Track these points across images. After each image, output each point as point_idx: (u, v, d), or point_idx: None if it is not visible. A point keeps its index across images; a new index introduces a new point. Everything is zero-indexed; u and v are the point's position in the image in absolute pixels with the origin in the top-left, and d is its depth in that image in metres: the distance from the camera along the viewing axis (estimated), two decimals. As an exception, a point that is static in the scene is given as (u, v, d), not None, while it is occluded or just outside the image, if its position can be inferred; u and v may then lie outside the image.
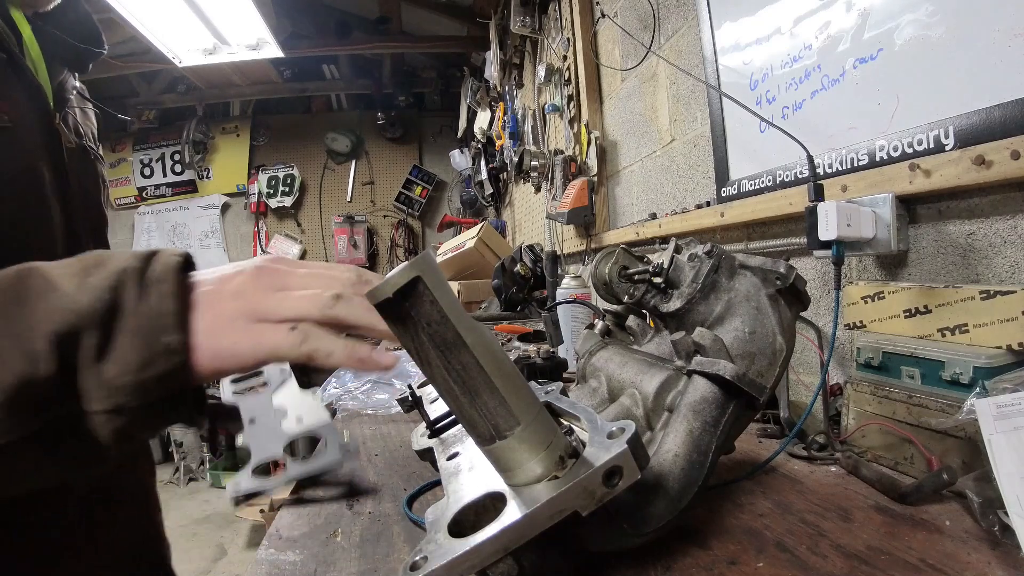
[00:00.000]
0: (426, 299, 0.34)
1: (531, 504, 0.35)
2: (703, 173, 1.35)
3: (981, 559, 0.47)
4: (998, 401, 0.52)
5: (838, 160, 0.90)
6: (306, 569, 0.50)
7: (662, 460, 0.51)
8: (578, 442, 0.40)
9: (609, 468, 0.36)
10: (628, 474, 0.37)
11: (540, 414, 0.38)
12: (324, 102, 4.80)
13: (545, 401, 0.47)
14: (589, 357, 0.70)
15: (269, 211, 4.72)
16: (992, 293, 0.63)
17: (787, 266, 0.61)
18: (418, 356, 0.36)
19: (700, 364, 0.55)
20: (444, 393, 0.37)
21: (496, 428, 0.36)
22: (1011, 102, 0.65)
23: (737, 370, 0.53)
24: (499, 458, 0.38)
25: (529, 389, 0.38)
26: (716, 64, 1.22)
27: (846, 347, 0.89)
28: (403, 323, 0.35)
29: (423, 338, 0.34)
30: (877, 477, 0.62)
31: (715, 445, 0.52)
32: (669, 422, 0.54)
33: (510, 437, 0.36)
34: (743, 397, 0.54)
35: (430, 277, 0.34)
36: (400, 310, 0.34)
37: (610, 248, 0.74)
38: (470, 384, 0.35)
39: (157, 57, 2.80)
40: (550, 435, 0.38)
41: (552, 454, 0.37)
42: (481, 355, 0.35)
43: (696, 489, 0.50)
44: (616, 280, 0.72)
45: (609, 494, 0.37)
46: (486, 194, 3.80)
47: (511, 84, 3.04)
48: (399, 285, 0.33)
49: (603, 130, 1.96)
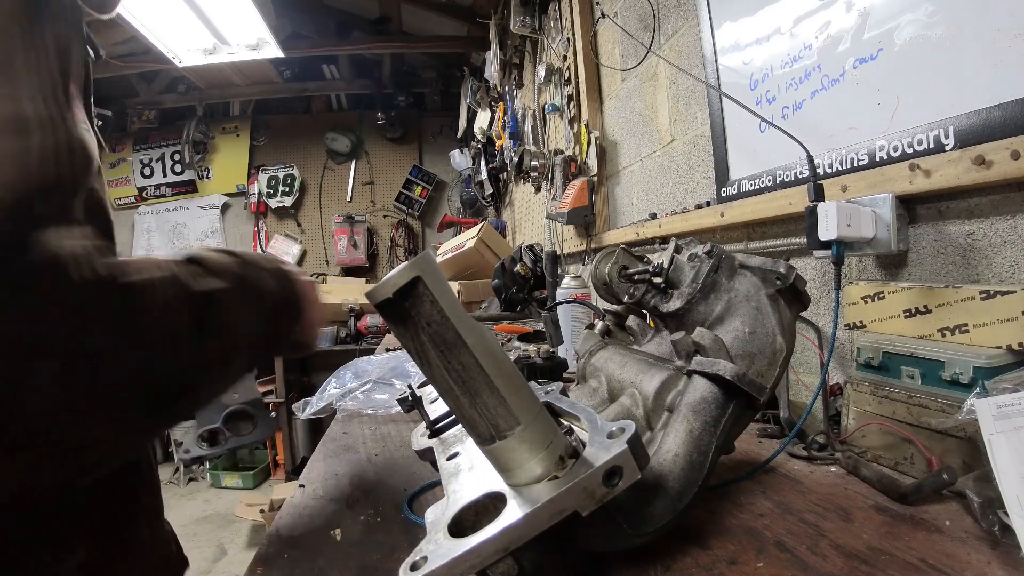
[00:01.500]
0: (426, 299, 0.34)
1: (531, 504, 0.35)
2: (703, 173, 1.35)
3: (981, 559, 0.47)
4: (998, 401, 0.52)
5: (838, 160, 0.90)
6: (306, 569, 0.50)
7: (662, 460, 0.51)
8: (578, 442, 0.40)
9: (609, 468, 0.36)
10: (628, 474, 0.37)
11: (540, 414, 0.38)
12: (324, 102, 4.80)
13: (545, 401, 0.47)
14: (589, 357, 0.70)
15: (269, 211, 4.72)
16: (992, 293, 0.63)
17: (787, 266, 0.61)
18: (418, 356, 0.36)
19: (700, 364, 0.55)
20: (444, 393, 0.37)
21: (496, 428, 0.36)
22: (1011, 102, 0.65)
23: (737, 370, 0.53)
24: (499, 458, 0.38)
25: (529, 389, 0.38)
26: (716, 64, 1.22)
27: (846, 347, 0.89)
28: (403, 323, 0.35)
29: (423, 338, 0.34)
30: (877, 477, 0.62)
31: (715, 445, 0.52)
32: (669, 422, 0.54)
33: (510, 437, 0.36)
34: (743, 397, 0.54)
35: (430, 277, 0.34)
36: (400, 310, 0.34)
37: (610, 248, 0.74)
38: (470, 384, 0.35)
39: (157, 57, 2.80)
40: (550, 435, 0.38)
41: (552, 454, 0.37)
42: (481, 355, 0.35)
43: (696, 489, 0.50)
44: (616, 280, 0.72)
45: (609, 494, 0.37)
46: (486, 194, 3.80)
47: (511, 84, 3.04)
48: (399, 285, 0.33)
49: (603, 130, 1.96)
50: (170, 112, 4.57)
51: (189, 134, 4.48)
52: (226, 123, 4.68)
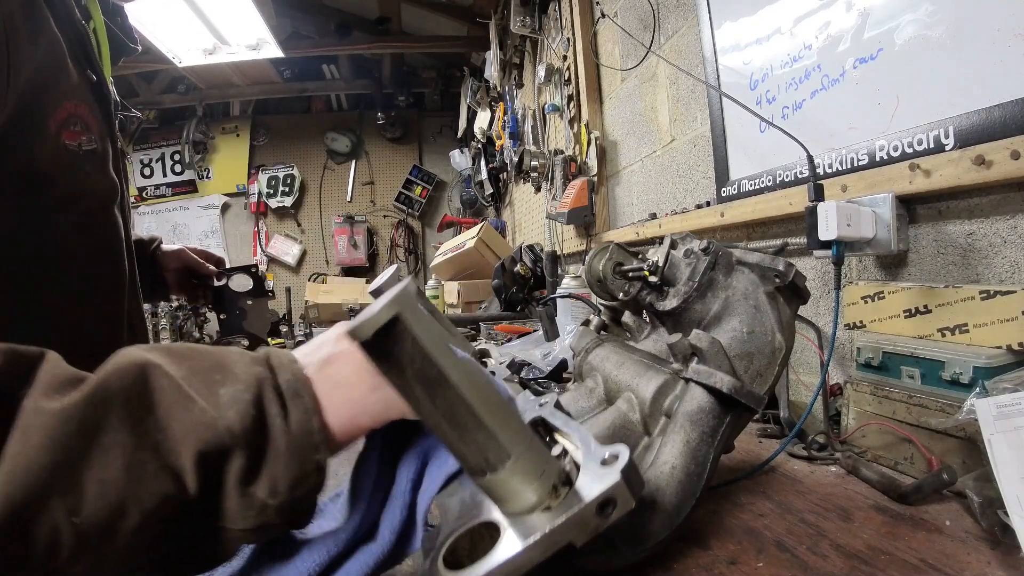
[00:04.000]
0: (407, 338, 0.33)
1: (525, 536, 0.35)
2: (703, 173, 1.35)
3: (981, 559, 0.47)
4: (998, 401, 0.52)
5: (838, 160, 0.90)
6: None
7: (659, 473, 0.50)
8: (572, 465, 0.39)
9: (603, 500, 0.36)
10: (622, 504, 0.36)
11: (532, 444, 0.37)
12: (324, 102, 4.80)
13: (539, 416, 0.46)
14: (585, 355, 0.69)
15: (269, 211, 4.72)
16: (992, 293, 0.63)
17: (786, 263, 0.60)
18: (404, 393, 0.35)
19: (697, 374, 0.54)
20: (433, 428, 0.36)
21: (487, 462, 0.36)
22: (1011, 102, 0.65)
23: (734, 383, 0.52)
24: (491, 491, 0.37)
25: (520, 420, 0.38)
26: (716, 64, 1.22)
27: (846, 347, 0.89)
28: (385, 362, 0.34)
29: (407, 375, 0.34)
30: (877, 477, 0.62)
31: (713, 456, 0.51)
32: (666, 430, 0.53)
33: (501, 471, 0.36)
34: (741, 406, 0.54)
35: (410, 314, 0.33)
36: (381, 350, 0.33)
37: (604, 244, 0.72)
38: (457, 420, 0.35)
39: (157, 57, 2.80)
40: (542, 464, 0.37)
41: (545, 484, 0.36)
42: (467, 391, 0.34)
43: (694, 502, 0.49)
44: (610, 277, 0.70)
45: (603, 524, 0.36)
46: (486, 194, 3.80)
47: (511, 84, 3.04)
48: (377, 327, 0.32)
49: (603, 130, 1.96)
50: (170, 112, 4.56)
51: (189, 134, 4.48)
52: (226, 123, 4.68)
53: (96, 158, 0.63)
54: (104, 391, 0.32)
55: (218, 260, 1.20)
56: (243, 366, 0.37)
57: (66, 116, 0.59)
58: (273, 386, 0.36)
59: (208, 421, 0.33)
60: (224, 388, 0.35)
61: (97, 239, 0.67)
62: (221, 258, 1.22)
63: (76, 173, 0.61)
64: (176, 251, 1.14)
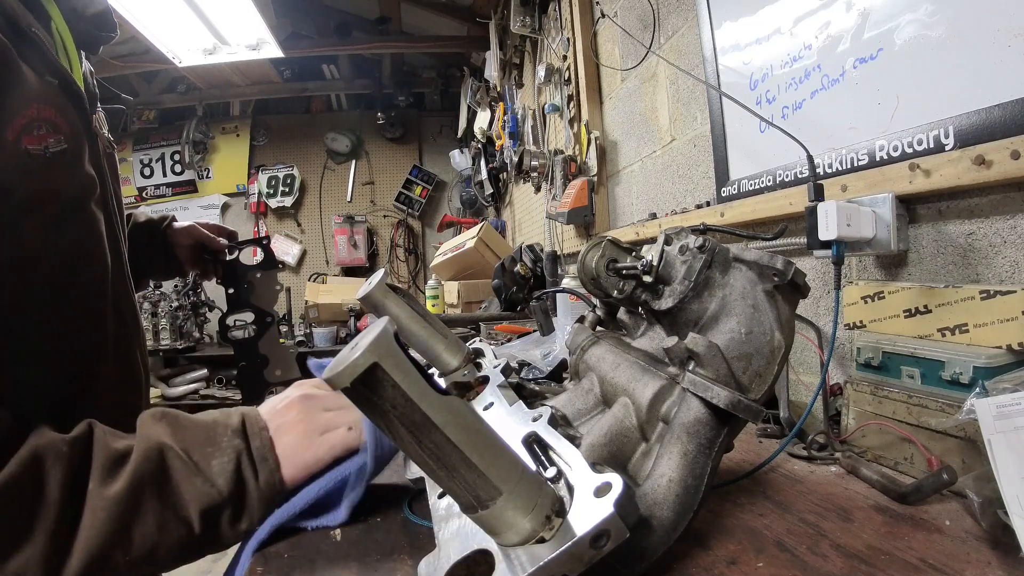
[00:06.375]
0: (387, 384, 0.32)
1: (520, 570, 0.35)
2: (703, 173, 1.35)
3: (981, 559, 0.47)
4: (998, 401, 0.52)
5: (838, 160, 0.90)
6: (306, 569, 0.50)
7: (656, 486, 0.49)
8: (565, 490, 0.39)
9: (596, 533, 0.35)
10: (616, 535, 0.36)
11: (523, 478, 0.37)
12: (324, 102, 4.80)
13: (532, 432, 0.46)
14: (581, 353, 0.67)
15: (269, 211, 4.72)
16: (992, 293, 0.63)
17: (784, 261, 0.58)
18: (390, 434, 0.34)
19: (693, 385, 0.53)
20: (422, 466, 0.36)
21: (478, 499, 0.36)
22: (1011, 102, 0.65)
23: (731, 398, 0.51)
24: (484, 525, 0.37)
25: (511, 456, 0.37)
26: (716, 64, 1.22)
27: (846, 347, 0.89)
28: (368, 406, 0.34)
29: (391, 418, 0.34)
30: (877, 477, 0.62)
31: (711, 467, 0.51)
32: (664, 439, 0.52)
33: (492, 507, 0.36)
34: (738, 418, 0.53)
35: (389, 360, 0.32)
36: (362, 396, 0.33)
37: (597, 239, 0.70)
38: (445, 461, 0.35)
39: (157, 57, 2.80)
40: (535, 497, 0.37)
41: (538, 515, 0.36)
42: (453, 432, 0.34)
43: (692, 515, 0.49)
44: (604, 274, 0.68)
45: (597, 556, 0.36)
46: (486, 194, 3.80)
47: (511, 84, 3.04)
48: (356, 375, 0.31)
49: (603, 130, 1.96)
50: (170, 112, 4.56)
51: (189, 134, 4.48)
52: (226, 123, 4.68)
53: (66, 157, 0.62)
54: (140, 478, 0.50)
55: (230, 233, 1.20)
56: (227, 440, 0.55)
57: (26, 122, 0.58)
58: (248, 455, 0.55)
59: (207, 489, 0.52)
60: (215, 460, 0.53)
61: (71, 238, 0.66)
62: (234, 231, 1.22)
63: (42, 176, 0.60)
64: (187, 227, 1.14)
